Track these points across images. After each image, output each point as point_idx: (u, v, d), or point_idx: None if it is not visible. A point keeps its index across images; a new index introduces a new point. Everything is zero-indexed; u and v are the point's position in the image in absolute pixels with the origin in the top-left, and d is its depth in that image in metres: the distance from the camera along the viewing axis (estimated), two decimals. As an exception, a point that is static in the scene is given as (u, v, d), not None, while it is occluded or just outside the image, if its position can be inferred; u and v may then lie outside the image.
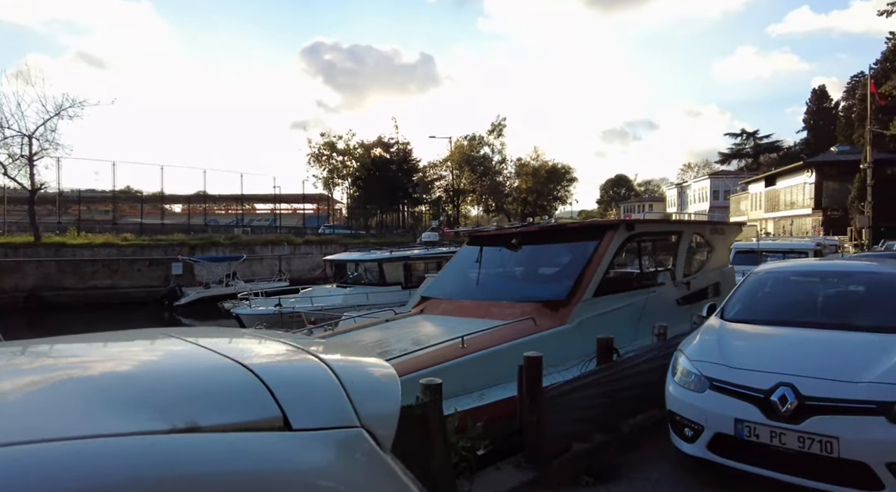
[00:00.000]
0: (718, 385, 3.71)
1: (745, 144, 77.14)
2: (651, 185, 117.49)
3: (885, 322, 4.09)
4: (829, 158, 44.64)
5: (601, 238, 6.93)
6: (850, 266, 5.19)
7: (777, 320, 4.50)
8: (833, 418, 3.20)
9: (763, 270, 5.34)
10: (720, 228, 9.79)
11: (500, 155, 48.45)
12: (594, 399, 4.66)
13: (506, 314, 6.27)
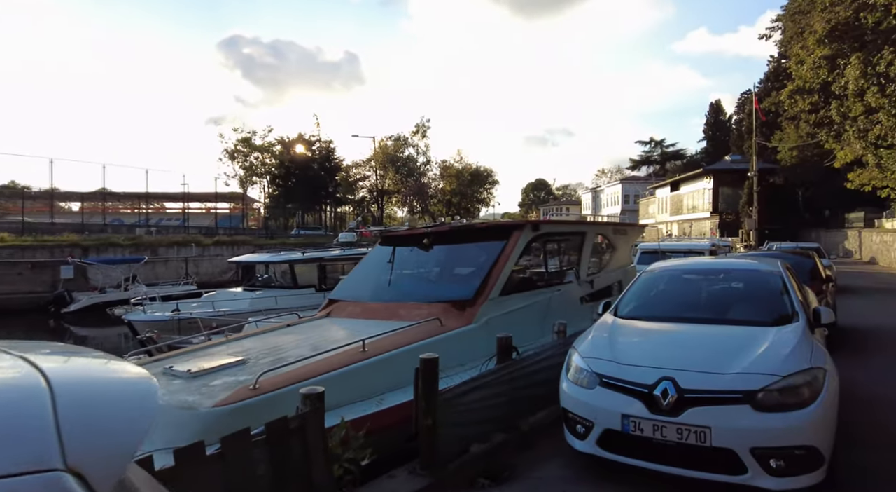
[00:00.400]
0: (608, 381, 3.78)
1: (653, 151, 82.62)
2: (569, 189, 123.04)
3: (755, 316, 4.38)
4: (724, 167, 48.79)
5: (508, 238, 7.00)
6: (729, 264, 5.56)
7: (664, 317, 4.70)
8: (707, 409, 3.34)
9: (653, 269, 5.58)
10: (623, 229, 10.27)
11: (424, 156, 48.61)
12: (493, 399, 4.62)
13: (413, 316, 6.15)
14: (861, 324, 10.00)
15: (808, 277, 9.01)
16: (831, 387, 3.47)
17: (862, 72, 14.72)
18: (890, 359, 7.31)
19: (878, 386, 6.00)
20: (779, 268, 4.95)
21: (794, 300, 4.42)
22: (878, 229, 30.25)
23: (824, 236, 40.89)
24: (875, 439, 4.49)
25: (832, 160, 27.36)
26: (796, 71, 19.48)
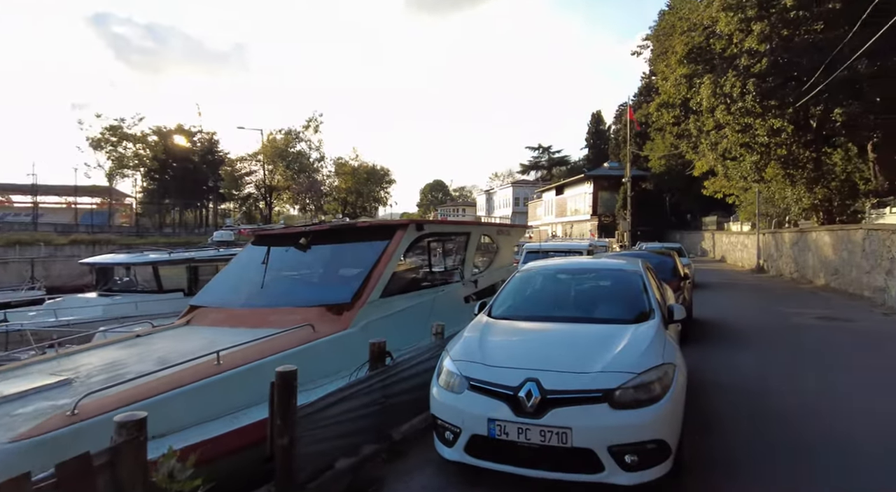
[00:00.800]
0: (476, 385, 3.68)
1: (541, 157, 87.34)
2: (465, 190, 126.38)
3: (617, 314, 4.56)
4: (603, 173, 52.85)
5: (390, 238, 6.77)
6: (596, 264, 5.80)
7: (534, 316, 4.75)
8: (568, 409, 3.35)
9: (527, 269, 5.67)
10: (506, 229, 10.52)
11: (318, 152, 46.85)
12: (364, 408, 4.36)
13: (285, 322, 5.70)
14: (711, 316, 11.17)
15: (670, 274, 9.86)
16: (679, 381, 3.66)
17: (712, 91, 16.63)
18: (733, 348, 8.14)
19: (722, 374, 6.61)
20: (639, 267, 5.22)
21: (651, 298, 4.66)
22: (726, 232, 34.48)
23: (686, 237, 45.82)
24: (716, 424, 4.88)
25: (692, 169, 30.76)
26: (662, 86, 21.65)
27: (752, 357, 7.51)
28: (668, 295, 6.51)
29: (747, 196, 26.03)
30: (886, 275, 12.38)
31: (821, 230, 17.47)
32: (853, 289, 14.50)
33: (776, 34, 14.85)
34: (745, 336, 9.10)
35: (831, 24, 14.45)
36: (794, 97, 14.87)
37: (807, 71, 14.64)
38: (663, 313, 4.56)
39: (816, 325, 10.09)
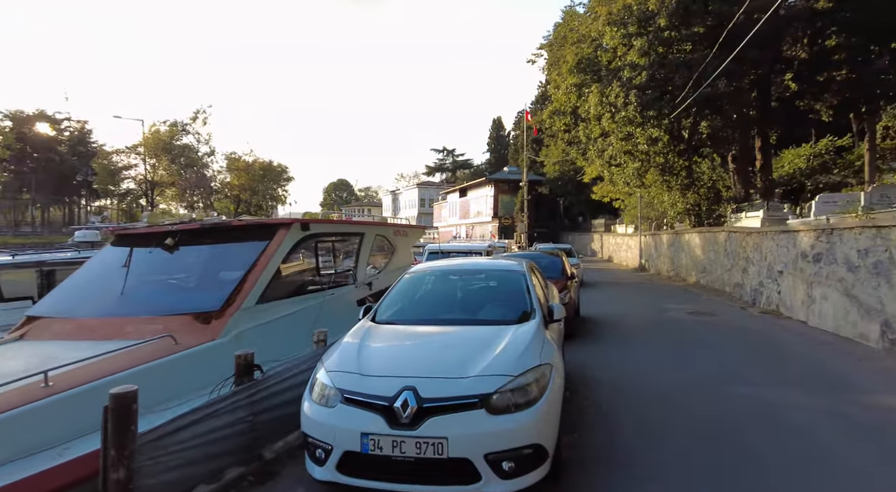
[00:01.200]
0: (349, 397, 3.42)
1: (446, 159, 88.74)
2: (370, 190, 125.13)
3: (500, 315, 4.52)
4: (503, 177, 54.70)
5: (271, 239, 6.27)
6: (483, 265, 5.77)
7: (419, 320, 4.58)
8: (444, 417, 3.20)
9: (414, 271, 5.50)
10: (403, 230, 10.33)
11: (207, 146, 43.57)
12: (228, 428, 3.91)
13: (143, 333, 5.04)
14: (597, 313, 11.80)
15: (558, 274, 10.25)
16: (556, 382, 3.66)
17: (599, 100, 17.79)
18: (615, 343, 8.59)
19: (604, 369, 6.90)
20: (523, 268, 5.25)
21: (532, 299, 4.68)
22: (613, 233, 37.12)
23: (578, 239, 48.76)
24: (597, 420, 5.02)
25: (583, 175, 32.79)
26: (554, 94, 22.83)
27: (632, 352, 7.95)
28: (553, 294, 6.67)
29: (631, 200, 28.23)
30: (743, 273, 13.89)
31: (692, 232, 19.28)
32: (718, 285, 16.13)
33: (653, 51, 16.18)
34: (627, 332, 9.67)
35: (697, 46, 16.03)
36: (669, 109, 16.31)
37: (678, 86, 16.12)
38: (544, 313, 4.59)
39: (687, 320, 11.01)
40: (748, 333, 9.32)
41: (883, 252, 7.57)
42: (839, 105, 19.44)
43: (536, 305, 4.59)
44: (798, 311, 10.23)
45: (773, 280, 11.64)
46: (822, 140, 27.06)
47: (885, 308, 7.50)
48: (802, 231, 10.18)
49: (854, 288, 8.27)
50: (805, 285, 9.91)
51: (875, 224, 7.73)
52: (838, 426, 4.65)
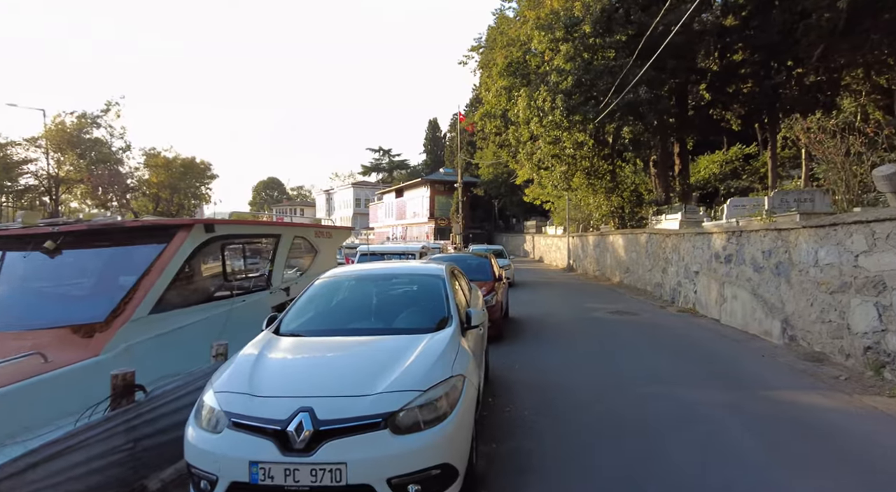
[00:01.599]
0: (238, 421, 3.05)
1: (382, 159, 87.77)
2: (304, 190, 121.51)
3: (414, 323, 4.28)
4: (439, 178, 54.80)
5: (169, 241, 5.70)
6: (401, 269, 5.51)
7: (328, 330, 4.26)
8: (344, 441, 2.91)
9: (326, 276, 5.15)
10: (327, 231, 9.88)
11: (122, 140, 40.42)
12: (100, 458, 3.41)
13: (5, 350, 4.38)
14: (526, 313, 11.89)
15: (486, 275, 10.20)
16: (469, 394, 3.47)
17: (528, 104, 18.10)
18: (540, 344, 8.60)
19: (528, 372, 6.85)
20: (442, 272, 5.03)
21: (450, 304, 4.48)
22: (544, 235, 38.07)
23: (512, 240, 49.71)
24: (518, 426, 4.90)
25: (515, 177, 33.38)
26: (485, 97, 23.06)
27: (557, 353, 7.98)
28: (477, 298, 6.53)
29: (560, 203, 29.03)
30: (662, 273, 14.52)
31: (616, 234, 20.03)
32: (640, 285, 16.80)
33: (579, 56, 16.64)
34: (553, 332, 9.74)
35: (620, 53, 16.66)
36: (593, 114, 16.84)
37: (602, 92, 16.68)
38: (461, 319, 4.40)
39: (610, 319, 11.29)
40: (666, 331, 9.66)
41: (783, 253, 8.05)
42: (746, 115, 20.91)
43: (454, 311, 4.39)
44: (712, 309, 10.76)
45: (690, 280, 12.21)
46: (733, 148, 29.08)
47: (786, 307, 7.98)
48: (715, 233, 10.73)
49: (760, 287, 8.76)
50: (718, 285, 10.43)
51: (776, 227, 8.22)
52: (742, 422, 4.79)
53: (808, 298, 7.37)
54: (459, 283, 5.66)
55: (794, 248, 7.74)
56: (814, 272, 7.22)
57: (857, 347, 6.35)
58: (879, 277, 5.96)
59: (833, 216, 6.87)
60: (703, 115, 22.12)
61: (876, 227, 6.01)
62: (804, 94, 18.34)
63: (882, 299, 5.92)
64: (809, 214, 8.82)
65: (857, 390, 5.74)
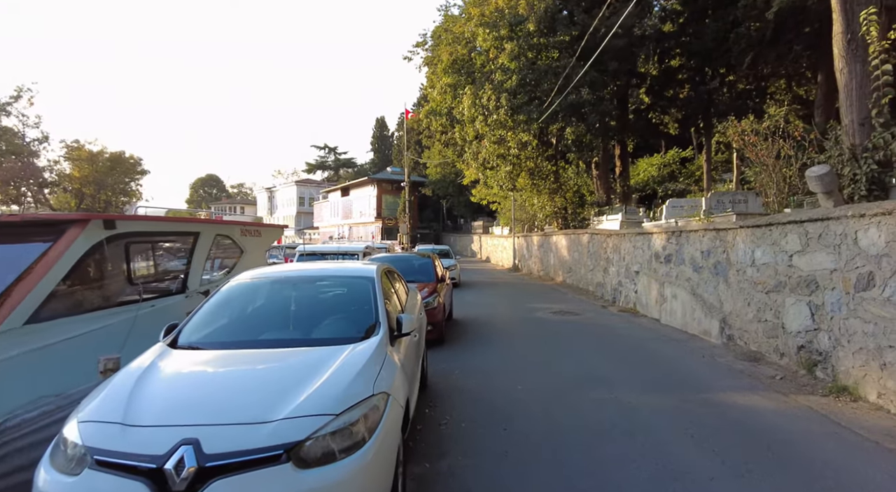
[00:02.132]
0: (102, 459, 2.46)
1: (327, 157, 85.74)
2: (245, 187, 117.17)
3: (337, 333, 3.81)
4: (386, 177, 53.97)
5: (57, 238, 4.92)
6: (327, 271, 4.97)
7: (234, 343, 3.69)
8: (235, 479, 2.39)
9: (239, 279, 4.57)
10: (255, 230, 9.15)
11: (38, 130, 37.17)
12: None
13: None
14: (470, 314, 11.57)
15: (429, 276, 9.80)
16: (392, 415, 3.03)
17: (473, 102, 17.88)
18: (482, 347, 8.28)
19: (469, 378, 6.48)
20: (373, 273, 4.56)
21: (379, 310, 4.02)
22: (491, 235, 38.19)
23: (460, 240, 49.71)
24: (452, 443, 4.50)
25: (463, 178, 33.20)
26: (430, 94, 22.69)
27: (498, 356, 7.67)
28: (416, 301, 6.11)
29: (506, 203, 29.10)
30: (604, 273, 14.63)
31: (559, 234, 20.16)
32: (583, 285, 16.92)
33: (524, 55, 16.56)
34: (496, 334, 9.46)
35: (564, 53, 16.74)
36: (537, 114, 16.82)
37: (546, 92, 16.69)
38: (391, 326, 3.96)
39: (553, 320, 11.16)
40: (608, 332, 9.60)
41: (721, 253, 8.12)
42: (683, 119, 21.62)
43: (382, 317, 3.94)
44: (652, 309, 10.83)
45: (631, 280, 12.30)
46: (670, 151, 30.13)
47: (724, 306, 8.05)
48: (656, 233, 10.80)
49: (699, 287, 8.83)
50: (658, 285, 10.50)
51: (715, 227, 8.28)
52: (686, 429, 4.62)
53: (745, 297, 7.43)
54: (394, 285, 5.22)
55: (732, 248, 7.80)
56: (751, 272, 7.28)
57: (791, 347, 6.40)
58: (812, 277, 6.01)
59: (769, 216, 6.94)
60: (643, 119, 22.74)
61: (809, 226, 6.06)
62: (735, 101, 19.14)
63: (815, 299, 5.97)
64: (745, 214, 8.98)
65: (793, 389, 5.75)
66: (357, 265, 5.17)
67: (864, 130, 6.56)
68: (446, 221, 61.25)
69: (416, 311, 5.53)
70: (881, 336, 5.00)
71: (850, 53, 6.52)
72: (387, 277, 5.02)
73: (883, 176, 6.41)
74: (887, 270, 4.93)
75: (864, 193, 6.52)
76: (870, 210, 5.15)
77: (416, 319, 4.98)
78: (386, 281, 4.83)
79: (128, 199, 46.01)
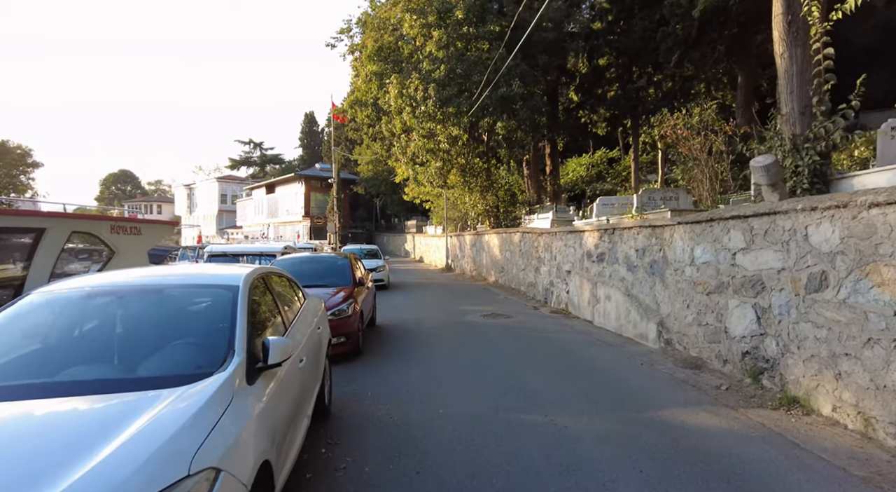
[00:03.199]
0: None
1: (253, 152, 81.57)
2: (163, 184, 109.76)
3: (171, 368, 2.68)
4: (314, 173, 51.63)
5: None
6: (173, 280, 3.69)
7: (8, 388, 2.47)
8: None
9: (43, 291, 3.30)
10: (133, 227, 7.65)
11: None
12: None
13: None
14: (396, 319, 10.56)
15: (345, 280, 8.64)
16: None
17: (399, 92, 16.82)
18: (403, 360, 7.30)
19: (383, 401, 5.48)
20: (239, 281, 3.42)
21: (236, 334, 2.91)
22: (424, 235, 37.30)
23: (393, 239, 48.47)
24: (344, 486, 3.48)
25: (395, 175, 32.03)
26: (354, 83, 21.39)
27: (420, 371, 6.71)
28: (312, 314, 5.00)
29: (439, 202, 28.25)
30: (535, 272, 14.09)
31: (491, 233, 19.56)
32: (514, 284, 16.36)
33: (452, 45, 15.74)
34: (420, 342, 8.50)
35: (494, 44, 16.09)
36: (467, 106, 16.04)
37: (476, 84, 15.96)
38: (254, 354, 2.88)
39: (484, 324, 10.37)
40: (540, 336, 8.91)
41: (657, 252, 7.61)
42: (611, 119, 21.70)
43: (240, 343, 2.84)
44: (585, 311, 10.30)
45: (563, 280, 11.77)
46: (598, 152, 30.54)
47: (661, 308, 7.54)
48: (588, 231, 10.28)
49: (634, 288, 8.31)
50: (591, 285, 9.97)
51: (651, 224, 7.78)
52: (636, 461, 3.86)
53: (683, 299, 6.92)
54: (278, 296, 4.10)
55: (669, 246, 7.30)
56: (690, 272, 6.78)
57: (734, 352, 5.91)
58: (758, 277, 5.51)
59: (710, 212, 6.44)
60: (573, 118, 22.65)
61: (754, 222, 5.56)
62: (661, 101, 19.35)
63: (761, 301, 5.48)
64: (680, 211, 8.58)
65: (741, 402, 5.20)
66: (223, 271, 3.99)
67: (805, 119, 6.22)
68: (379, 221, 59.73)
69: (308, 328, 4.43)
70: (835, 342, 4.51)
71: (790, 36, 6.16)
72: (266, 286, 3.89)
73: (825, 168, 6.09)
74: (842, 270, 4.44)
75: (806, 185, 6.17)
76: (822, 203, 4.66)
77: (301, 341, 3.91)
78: (261, 292, 3.71)
79: (18, 194, 41.00)
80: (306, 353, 4.01)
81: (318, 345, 4.70)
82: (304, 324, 4.37)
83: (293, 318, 4.18)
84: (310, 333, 4.40)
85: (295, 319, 4.21)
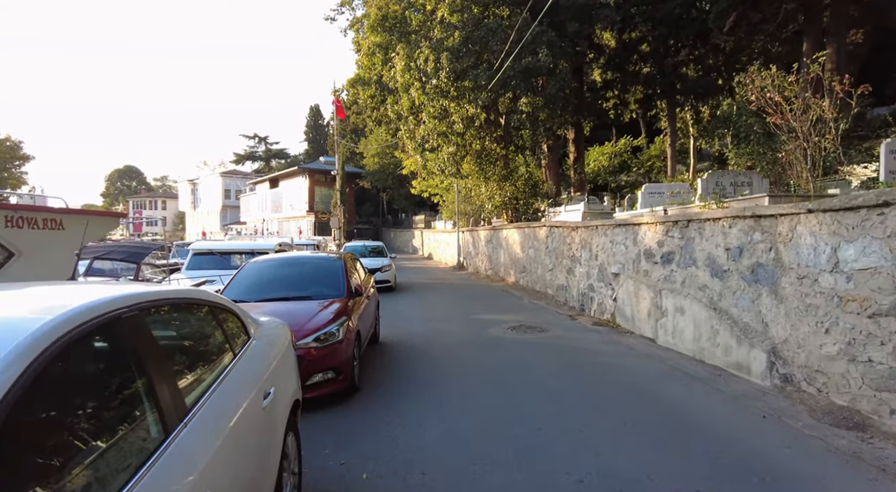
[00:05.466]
0: None
1: (258, 147, 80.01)
2: (168, 180, 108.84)
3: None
4: (319, 167, 49.62)
5: None
6: None
7: None
8: None
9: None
10: (52, 219, 5.66)
11: None
12: None
13: None
14: (401, 335, 8.53)
15: (338, 290, 6.53)
16: None
17: (406, 65, 14.65)
18: (407, 403, 5.25)
19: (376, 484, 3.44)
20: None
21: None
22: (433, 230, 35.19)
23: (400, 235, 46.43)
24: None
25: (403, 168, 29.93)
26: (357, 60, 19.25)
27: (436, 421, 4.67)
28: (249, 368, 2.97)
29: (449, 195, 26.09)
30: (567, 273, 11.98)
31: (510, 228, 17.43)
32: (539, 287, 14.26)
33: (468, 9, 13.58)
34: (435, 372, 6.44)
35: (515, 10, 13.92)
36: (485, 80, 13.83)
37: (495, 54, 13.78)
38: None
39: (512, 339, 8.31)
40: (593, 361, 6.82)
41: (766, 252, 5.49)
42: (644, 99, 19.45)
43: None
44: (642, 325, 8.19)
45: (607, 284, 9.65)
46: (622, 139, 28.22)
47: (771, 330, 5.42)
48: (645, 224, 8.14)
49: (723, 300, 6.18)
50: (652, 293, 7.85)
51: (754, 213, 5.64)
52: None
53: (817, 320, 4.80)
54: (151, 350, 2.06)
55: (787, 243, 5.18)
56: (830, 281, 4.66)
57: (931, 411, 3.80)
58: None
59: (878, 191, 4.31)
60: (601, 98, 20.41)
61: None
62: (702, 77, 17.08)
63: None
64: (779, 196, 6.44)
65: None
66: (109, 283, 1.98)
67: None
68: (386, 216, 57.75)
69: (240, 401, 2.39)
70: None
71: None
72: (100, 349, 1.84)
73: None
74: None
75: None
76: None
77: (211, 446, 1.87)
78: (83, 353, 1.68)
79: (11, 190, 39.40)
80: (229, 462, 1.97)
81: (267, 426, 2.64)
82: (226, 398, 2.31)
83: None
84: (242, 411, 2.35)
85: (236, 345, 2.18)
